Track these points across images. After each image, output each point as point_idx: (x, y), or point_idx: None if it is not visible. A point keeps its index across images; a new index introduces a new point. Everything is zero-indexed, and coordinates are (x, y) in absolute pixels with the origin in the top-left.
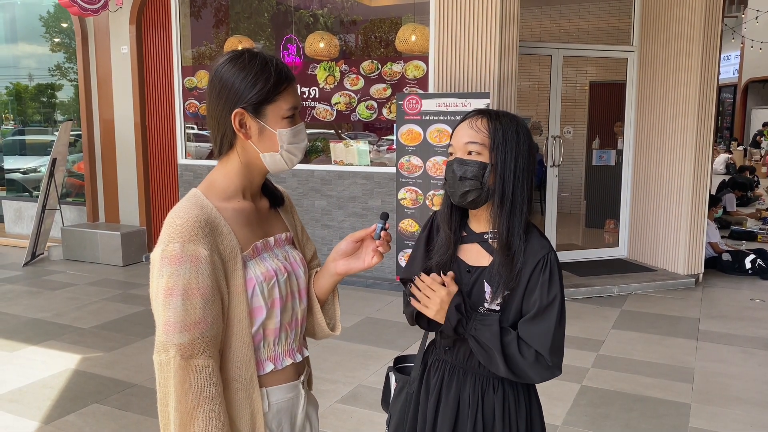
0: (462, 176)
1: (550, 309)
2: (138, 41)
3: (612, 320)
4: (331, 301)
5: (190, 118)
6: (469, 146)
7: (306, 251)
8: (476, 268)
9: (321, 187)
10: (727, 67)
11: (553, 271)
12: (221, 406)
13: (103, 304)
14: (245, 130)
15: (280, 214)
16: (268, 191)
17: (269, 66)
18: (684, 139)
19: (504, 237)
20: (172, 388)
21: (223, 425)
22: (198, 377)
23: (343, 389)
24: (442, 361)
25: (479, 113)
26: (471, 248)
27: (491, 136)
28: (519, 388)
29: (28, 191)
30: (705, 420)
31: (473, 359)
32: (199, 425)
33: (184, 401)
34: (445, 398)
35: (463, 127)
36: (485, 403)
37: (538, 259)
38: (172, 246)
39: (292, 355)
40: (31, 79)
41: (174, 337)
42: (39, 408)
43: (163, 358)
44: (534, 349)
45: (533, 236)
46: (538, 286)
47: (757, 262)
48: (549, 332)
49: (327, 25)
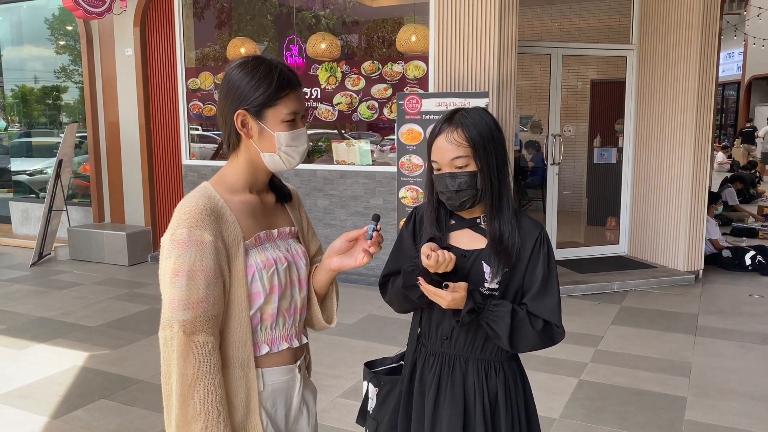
0: (458, 189)
1: (552, 282)
2: (142, 43)
3: (611, 316)
4: (329, 295)
5: (194, 119)
6: (455, 161)
7: (311, 246)
8: (472, 252)
9: (323, 187)
10: (731, 64)
11: (550, 248)
12: (219, 381)
13: (109, 302)
14: (247, 129)
15: (287, 209)
16: (276, 187)
17: (273, 72)
18: (683, 136)
19: (497, 231)
20: (175, 361)
21: (221, 398)
22: (199, 352)
23: (345, 384)
24: (438, 354)
25: (450, 124)
26: (462, 234)
27: (471, 145)
28: (515, 368)
29: (35, 193)
30: (701, 413)
31: (474, 345)
32: (199, 397)
33: (185, 374)
34: (450, 390)
35: (440, 143)
36: (489, 387)
37: (535, 237)
38: (180, 231)
39: (289, 340)
40: (36, 82)
41: (178, 313)
42: (48, 403)
43: (167, 333)
44: (542, 320)
45: (523, 217)
46: (539, 263)
47: (757, 258)
48: (555, 303)
49: (329, 26)
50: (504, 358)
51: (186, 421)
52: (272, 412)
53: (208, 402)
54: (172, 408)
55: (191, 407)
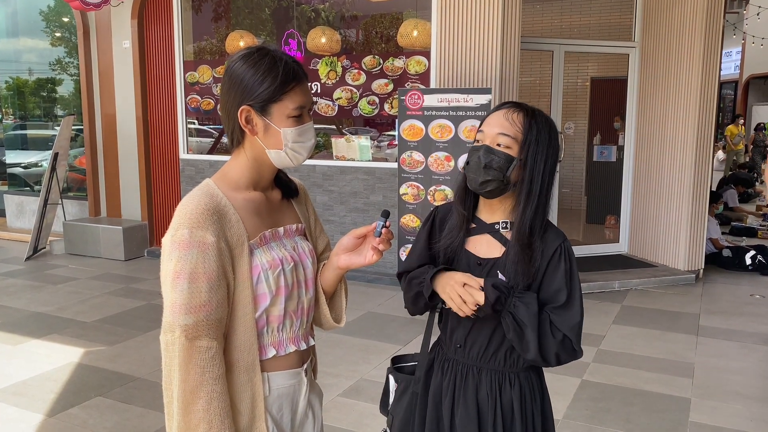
0: (487, 164)
1: (575, 298)
2: (140, 36)
3: (612, 315)
4: (338, 294)
5: (191, 113)
6: (500, 137)
7: (318, 243)
8: (488, 260)
9: (323, 183)
10: (729, 63)
11: (572, 260)
12: (223, 387)
13: (106, 298)
14: (251, 126)
15: (293, 205)
16: (282, 183)
17: (278, 65)
18: (685, 135)
19: (525, 235)
20: (177, 367)
21: (224, 405)
22: (201, 358)
23: (346, 383)
24: (452, 361)
25: (516, 106)
26: (480, 240)
27: (524, 132)
28: (533, 381)
29: (30, 186)
30: (705, 414)
31: (487, 355)
32: (201, 404)
33: (187, 380)
34: (462, 399)
35: (497, 116)
36: (503, 399)
37: (555, 248)
38: (181, 232)
39: (296, 343)
40: (31, 74)
41: (179, 318)
42: (43, 401)
43: (168, 338)
44: (562, 332)
45: (549, 227)
46: (559, 274)
47: (757, 257)
48: (577, 318)
49: (328, 20)
50: (520, 369)
51: (188, 429)
52: (278, 418)
53: (211, 409)
54: (173, 415)
55: (194, 414)
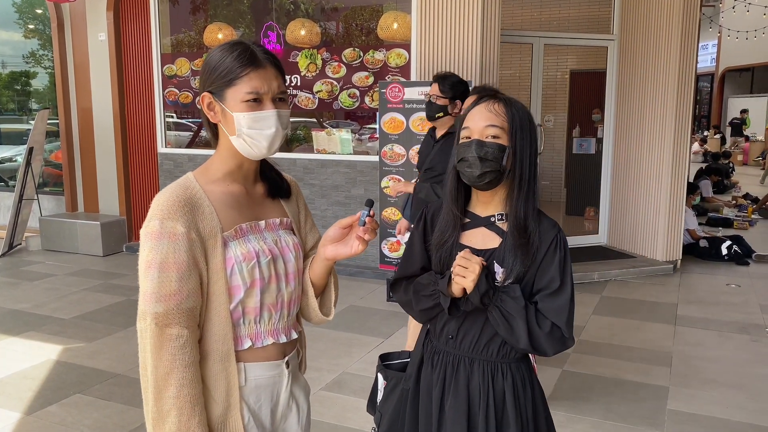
0: (482, 157)
1: (566, 286)
2: (116, 28)
3: (592, 306)
4: (328, 287)
5: (169, 106)
6: (488, 129)
7: (308, 239)
8: (485, 251)
9: (303, 176)
10: (705, 56)
11: (566, 250)
12: (194, 375)
13: (84, 294)
14: (214, 113)
15: (280, 200)
16: (269, 179)
17: (235, 50)
18: (663, 127)
19: (521, 221)
20: (149, 354)
21: (195, 392)
22: (172, 345)
23: (328, 377)
24: (442, 353)
25: (492, 97)
26: (476, 233)
27: (509, 121)
28: (525, 371)
29: (4, 181)
30: (683, 402)
31: (480, 346)
32: (172, 390)
33: (158, 367)
34: (453, 390)
35: (480, 110)
36: (495, 389)
37: (551, 238)
38: (153, 223)
39: (275, 335)
40: (4, 67)
41: (150, 306)
42: (20, 399)
43: (141, 325)
44: (550, 321)
45: (543, 217)
46: (554, 264)
47: (733, 248)
48: (566, 307)
49: (308, 12)
50: (512, 359)
51: (160, 415)
52: (256, 408)
53: (182, 396)
54: (149, 400)
55: (165, 401)
